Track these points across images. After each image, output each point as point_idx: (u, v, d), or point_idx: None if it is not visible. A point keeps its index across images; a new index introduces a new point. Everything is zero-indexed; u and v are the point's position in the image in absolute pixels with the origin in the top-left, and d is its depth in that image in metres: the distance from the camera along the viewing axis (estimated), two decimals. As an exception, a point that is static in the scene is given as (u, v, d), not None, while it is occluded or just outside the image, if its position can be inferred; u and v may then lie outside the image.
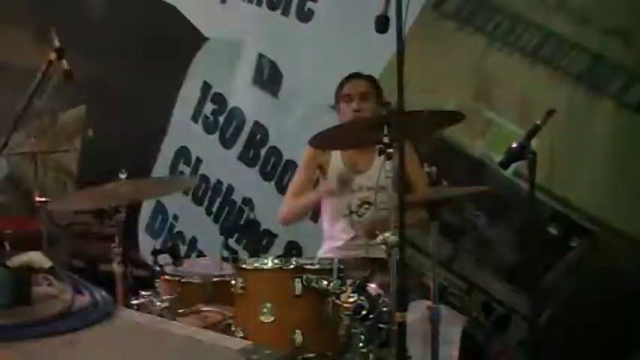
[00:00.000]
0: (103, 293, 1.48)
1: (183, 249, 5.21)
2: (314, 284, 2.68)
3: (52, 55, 3.65)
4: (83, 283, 1.51)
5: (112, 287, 3.46)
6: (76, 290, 1.50)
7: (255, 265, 2.79)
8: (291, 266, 2.72)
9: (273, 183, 4.87)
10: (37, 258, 1.53)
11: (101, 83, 5.64)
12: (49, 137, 5.87)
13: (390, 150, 2.63)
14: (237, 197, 5.05)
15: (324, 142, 3.26)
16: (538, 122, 2.98)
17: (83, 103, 5.93)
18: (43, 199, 4.64)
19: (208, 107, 5.22)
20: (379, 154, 2.68)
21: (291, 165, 4.66)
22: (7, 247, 4.81)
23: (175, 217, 5.38)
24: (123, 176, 3.41)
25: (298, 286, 2.67)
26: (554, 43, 4.10)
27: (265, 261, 2.78)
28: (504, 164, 3.09)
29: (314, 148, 3.65)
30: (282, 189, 4.71)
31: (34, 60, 5.22)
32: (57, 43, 3.67)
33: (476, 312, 4.23)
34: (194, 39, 5.30)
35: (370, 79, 3.77)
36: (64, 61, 3.63)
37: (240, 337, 2.71)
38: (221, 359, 1.27)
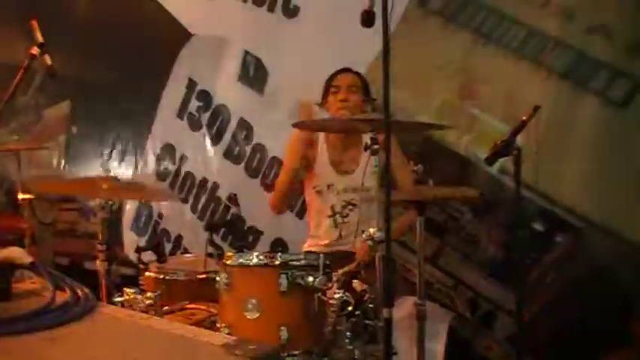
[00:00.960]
0: (85, 289, 1.46)
1: (168, 247, 5.19)
2: (299, 280, 2.66)
3: (35, 50, 3.62)
4: (64, 278, 1.49)
5: (97, 285, 3.44)
6: (57, 286, 1.48)
7: (240, 261, 2.77)
8: (277, 262, 2.70)
9: (258, 180, 4.85)
10: (17, 253, 1.51)
11: (86, 79, 5.61)
12: (33, 134, 5.84)
13: (376, 146, 2.63)
14: (222, 194, 5.04)
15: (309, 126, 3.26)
16: (524, 118, 2.98)
17: (67, 99, 5.90)
18: (27, 196, 4.61)
19: (194, 104, 5.20)
20: (365, 149, 2.67)
21: (277, 162, 4.65)
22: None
23: (160, 215, 5.35)
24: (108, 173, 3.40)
25: (284, 282, 2.65)
26: (538, 40, 4.11)
27: (250, 257, 2.76)
28: (490, 161, 3.10)
29: (299, 129, 3.63)
30: (267, 186, 4.70)
31: (15, 56, 5.21)
32: (39, 38, 3.64)
33: (462, 308, 4.23)
34: (179, 35, 5.27)
35: (359, 74, 3.80)
36: (47, 56, 3.60)
37: (226, 334, 2.69)
38: (204, 354, 1.26)
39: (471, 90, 4.28)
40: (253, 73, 4.93)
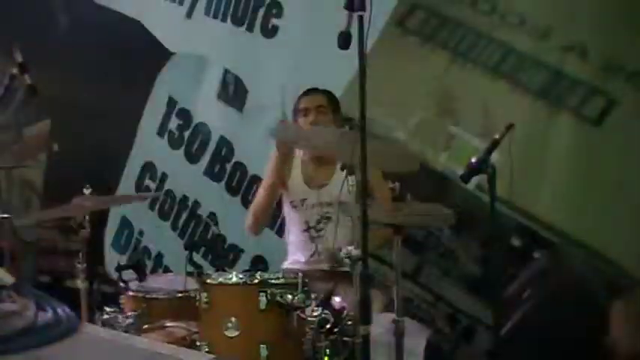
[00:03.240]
0: (67, 309, 1.48)
1: (149, 264, 5.19)
2: (278, 298, 2.70)
3: (15, 70, 3.64)
4: (46, 298, 1.51)
5: (78, 303, 3.45)
6: (39, 306, 1.50)
7: (220, 279, 2.80)
8: (256, 281, 2.74)
9: (239, 198, 4.87)
10: (-1, 274, 1.53)
11: (66, 98, 5.61)
12: (14, 152, 5.83)
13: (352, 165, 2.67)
14: (203, 212, 5.05)
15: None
16: (496, 137, 3.04)
17: (48, 117, 5.89)
18: (6, 215, 4.61)
19: (174, 122, 5.22)
20: (342, 169, 2.71)
21: (257, 180, 4.66)
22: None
23: (141, 233, 5.35)
24: (87, 192, 3.41)
25: (263, 300, 2.69)
26: (515, 58, 4.18)
27: (230, 276, 2.80)
28: (465, 178, 3.15)
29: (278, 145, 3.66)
30: (247, 204, 4.71)
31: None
32: (19, 58, 3.66)
33: (441, 323, 4.26)
34: (159, 54, 5.30)
35: (327, 93, 3.80)
36: (27, 76, 3.62)
37: (206, 352, 2.72)
38: (184, 373, 1.29)
39: (448, 108, 4.34)
40: (233, 92, 4.96)
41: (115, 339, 1.44)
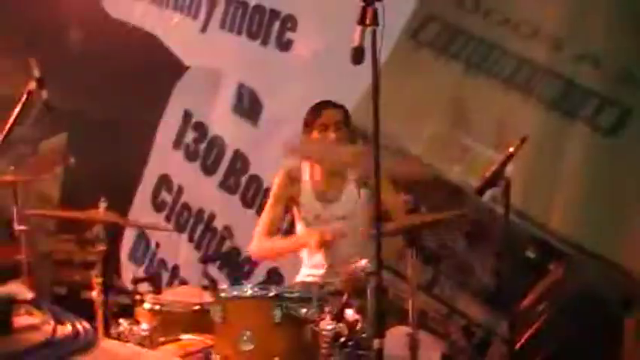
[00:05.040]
0: (85, 323, 1.51)
1: (165, 276, 5.21)
2: (293, 312, 2.71)
3: (32, 85, 3.69)
4: (65, 313, 1.53)
5: (94, 315, 3.48)
6: (58, 320, 1.52)
7: (235, 293, 2.82)
8: (270, 294, 2.75)
9: (254, 210, 4.88)
10: (18, 289, 1.55)
11: (82, 111, 5.66)
12: (30, 165, 5.88)
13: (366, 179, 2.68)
14: (218, 224, 5.07)
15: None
16: (511, 150, 3.04)
17: (64, 131, 5.95)
18: (23, 227, 4.65)
19: (189, 135, 5.25)
20: (362, 185, 2.72)
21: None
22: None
23: (157, 245, 5.38)
24: (103, 205, 3.44)
25: (277, 314, 2.69)
26: (528, 69, 4.18)
27: (244, 289, 2.81)
28: (480, 191, 3.15)
29: (290, 152, 3.66)
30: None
31: (12, 89, 5.27)
32: (37, 74, 3.72)
33: (456, 336, 4.25)
34: (174, 67, 5.34)
35: (342, 108, 3.79)
36: (44, 91, 3.68)
37: (221, 365, 2.74)
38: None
39: (462, 119, 4.34)
40: (248, 105, 4.99)
41: (132, 355, 1.45)
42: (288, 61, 4.83)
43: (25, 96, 3.72)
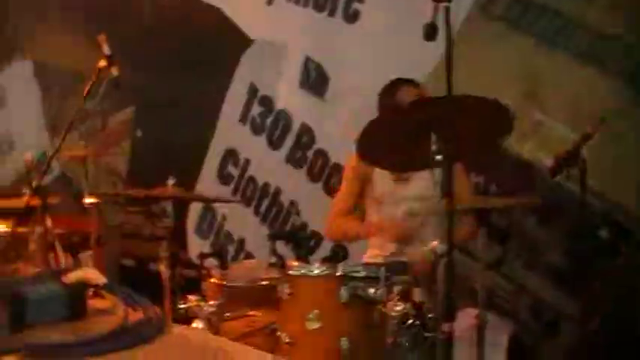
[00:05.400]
0: (157, 309, 1.51)
1: (231, 249, 5.26)
2: (360, 292, 2.68)
3: (103, 62, 3.73)
4: (136, 298, 1.54)
5: (160, 286, 3.53)
6: (129, 305, 1.53)
7: (303, 271, 2.80)
8: (338, 274, 2.73)
9: (320, 185, 4.86)
10: (91, 274, 1.56)
11: (148, 86, 5.72)
12: (99, 140, 5.98)
13: (438, 157, 2.62)
14: (284, 199, 5.08)
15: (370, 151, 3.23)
16: (589, 131, 2.93)
17: (131, 105, 6.02)
18: (93, 200, 4.74)
19: (256, 109, 5.25)
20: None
21: (338, 168, 4.66)
22: (58, 247, 4.92)
23: (224, 218, 5.42)
24: (171, 182, 3.47)
25: (344, 293, 2.68)
26: (604, 43, 4.04)
27: (312, 268, 2.80)
28: (554, 172, 3.06)
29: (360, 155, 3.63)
30: (329, 191, 4.72)
31: (82, 63, 5.35)
32: (107, 51, 3.75)
33: (524, 315, 4.19)
34: (240, 41, 5.33)
35: (418, 86, 3.73)
36: (114, 68, 3.71)
37: (287, 343, 2.74)
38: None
39: (535, 95, 4.23)
40: (314, 79, 4.95)
41: (204, 341, 1.45)
42: (356, 33, 4.76)
43: (95, 73, 3.76)
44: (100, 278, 1.55)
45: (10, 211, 4.93)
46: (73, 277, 1.54)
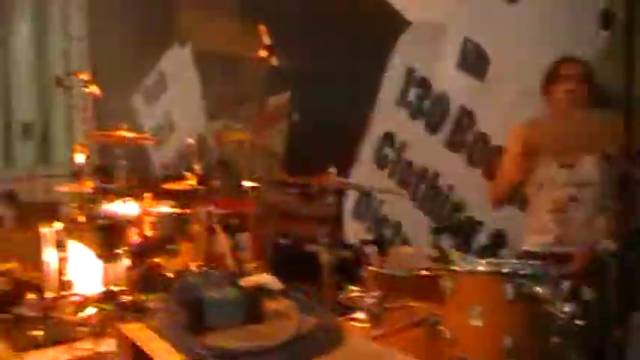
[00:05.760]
0: (333, 317, 1.53)
1: (387, 233, 5.26)
2: (526, 290, 2.61)
3: (263, 52, 3.82)
4: (312, 304, 1.56)
5: (316, 266, 3.59)
6: (304, 311, 1.56)
7: (467, 267, 2.76)
8: (504, 271, 2.66)
9: (479, 170, 4.76)
10: (268, 279, 1.60)
11: (305, 69, 5.78)
12: (256, 123, 6.15)
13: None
14: (442, 183, 5.01)
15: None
16: None
17: (287, 88, 6.13)
18: (252, 183, 4.88)
19: (413, 92, 5.20)
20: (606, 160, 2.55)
21: (499, 151, 4.53)
22: (218, 228, 5.11)
23: (381, 202, 5.43)
24: (332, 171, 3.52)
25: (510, 291, 2.61)
26: None
27: (478, 264, 2.75)
28: None
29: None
30: (489, 176, 4.60)
31: (239, 50, 5.49)
32: (267, 40, 3.84)
33: None
34: (397, 23, 5.28)
35: (586, 64, 3.60)
36: (273, 58, 3.80)
37: (448, 338, 2.71)
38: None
39: None
40: (473, 60, 4.83)
41: (380, 355, 1.45)
42: (516, 13, 4.60)
43: (256, 62, 3.86)
44: (275, 284, 1.59)
45: (175, 193, 5.17)
46: (250, 281, 1.58)
